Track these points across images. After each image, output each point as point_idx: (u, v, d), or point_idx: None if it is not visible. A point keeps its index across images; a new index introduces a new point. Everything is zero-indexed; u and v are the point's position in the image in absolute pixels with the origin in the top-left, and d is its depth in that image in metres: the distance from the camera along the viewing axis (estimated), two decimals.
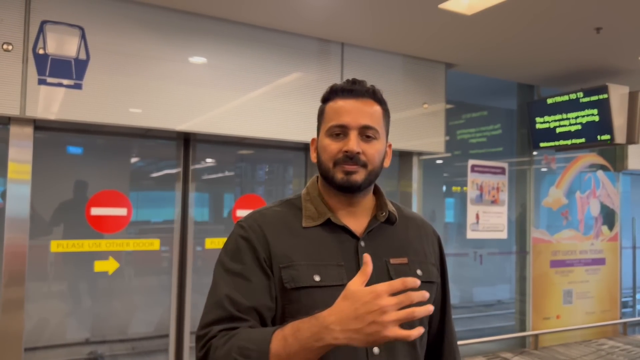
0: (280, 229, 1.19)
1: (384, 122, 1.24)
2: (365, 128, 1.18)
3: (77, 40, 3.09)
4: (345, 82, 1.23)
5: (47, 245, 3.34)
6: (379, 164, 1.22)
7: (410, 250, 1.25)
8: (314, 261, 1.15)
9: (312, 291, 1.12)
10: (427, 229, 1.35)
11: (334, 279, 1.13)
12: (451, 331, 1.35)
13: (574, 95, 4.74)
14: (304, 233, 1.19)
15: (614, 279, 5.93)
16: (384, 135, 1.24)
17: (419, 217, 1.37)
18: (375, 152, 1.19)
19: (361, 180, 1.18)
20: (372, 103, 1.21)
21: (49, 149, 3.45)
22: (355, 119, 1.17)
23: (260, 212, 1.23)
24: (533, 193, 5.46)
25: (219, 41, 3.54)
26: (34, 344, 3.41)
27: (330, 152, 1.18)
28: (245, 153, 4.29)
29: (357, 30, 3.77)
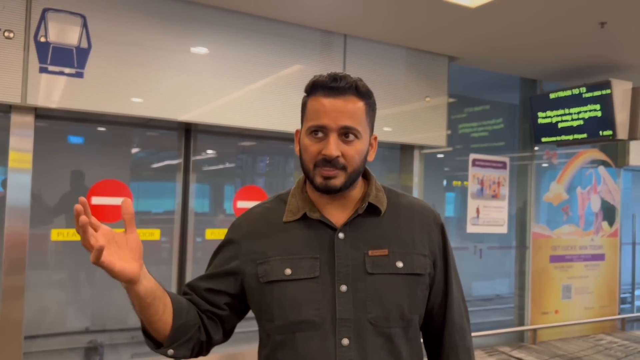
0: (262, 226, 1.25)
1: (367, 118, 1.20)
2: (345, 129, 1.15)
3: (79, 29, 3.08)
4: (326, 77, 1.18)
5: (48, 234, 3.34)
6: (360, 163, 1.19)
7: (394, 240, 1.21)
8: (290, 255, 1.19)
9: (283, 284, 1.17)
10: (426, 217, 1.28)
11: (306, 272, 1.17)
12: (454, 325, 1.28)
13: (576, 90, 4.72)
14: (284, 228, 1.23)
15: (613, 274, 5.94)
16: (366, 132, 1.20)
17: (418, 204, 1.30)
18: (355, 154, 1.16)
19: (340, 183, 1.16)
20: (354, 100, 1.17)
21: (50, 137, 3.44)
22: (335, 120, 1.14)
23: (250, 211, 1.31)
24: (534, 188, 5.46)
25: (221, 31, 3.53)
26: (34, 332, 3.42)
27: (310, 153, 1.17)
28: (246, 144, 4.29)
29: (360, 22, 3.75)
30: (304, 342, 1.15)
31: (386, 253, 1.19)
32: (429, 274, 1.23)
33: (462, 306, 1.32)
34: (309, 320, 1.15)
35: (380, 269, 1.17)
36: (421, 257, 1.22)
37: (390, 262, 1.18)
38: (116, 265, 1.03)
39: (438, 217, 1.30)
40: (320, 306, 1.15)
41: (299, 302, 1.15)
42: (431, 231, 1.27)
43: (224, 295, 1.25)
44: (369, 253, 1.18)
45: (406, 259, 1.20)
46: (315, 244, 1.19)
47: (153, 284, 1.10)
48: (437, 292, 1.27)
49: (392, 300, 1.16)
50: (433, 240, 1.26)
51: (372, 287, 1.16)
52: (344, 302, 1.15)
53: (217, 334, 1.26)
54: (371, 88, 1.23)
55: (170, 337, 1.14)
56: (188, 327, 1.16)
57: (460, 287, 1.33)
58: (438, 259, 1.26)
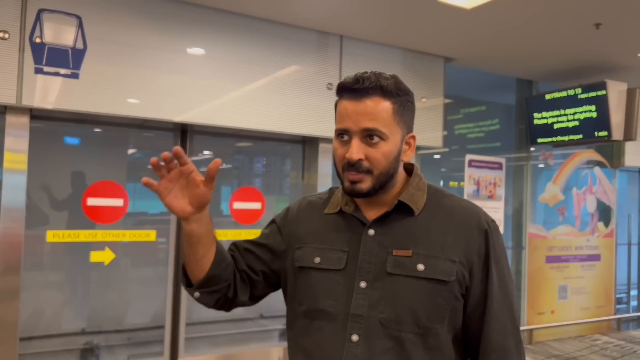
0: (307, 214, 1.31)
1: (395, 118, 1.15)
2: (368, 131, 1.13)
3: (74, 29, 3.07)
4: (350, 79, 1.16)
5: (43, 235, 3.33)
6: (389, 165, 1.16)
7: (421, 242, 1.16)
8: (322, 245, 1.23)
9: (311, 272, 1.21)
10: (467, 221, 1.19)
11: (332, 263, 1.20)
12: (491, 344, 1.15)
13: (572, 91, 4.73)
14: (324, 218, 1.27)
15: (609, 275, 5.96)
16: (395, 132, 1.16)
17: (461, 207, 1.22)
18: (380, 156, 1.14)
19: (367, 188, 1.15)
20: (379, 100, 1.14)
21: (46, 138, 3.43)
22: (356, 122, 1.13)
23: (304, 198, 1.37)
24: (530, 188, 5.47)
25: (217, 32, 3.53)
26: (29, 333, 3.41)
27: (337, 157, 1.18)
28: (242, 145, 4.28)
29: (356, 23, 3.76)
30: (319, 331, 1.18)
31: (410, 254, 1.15)
32: (457, 282, 1.14)
33: (508, 325, 1.17)
34: (326, 311, 1.17)
35: (399, 270, 1.14)
36: (448, 262, 1.14)
37: (412, 264, 1.14)
38: (165, 198, 1.14)
39: (483, 223, 1.19)
40: (338, 298, 1.16)
41: (320, 291, 1.19)
42: (470, 237, 1.17)
43: (261, 263, 1.30)
44: (394, 252, 1.16)
45: (429, 262, 1.14)
46: (347, 238, 1.21)
47: (204, 231, 1.18)
48: (475, 305, 1.17)
49: (406, 303, 1.12)
50: (471, 247, 1.16)
51: (389, 287, 1.14)
52: (360, 298, 1.14)
53: (244, 295, 1.29)
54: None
55: (201, 282, 1.21)
56: (219, 280, 1.22)
57: (508, 304, 1.18)
58: (476, 268, 1.16)
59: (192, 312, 3.87)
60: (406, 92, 1.19)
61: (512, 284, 1.21)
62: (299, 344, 1.22)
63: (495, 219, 1.13)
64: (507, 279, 1.19)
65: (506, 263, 1.21)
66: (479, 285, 1.16)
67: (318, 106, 3.87)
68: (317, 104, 3.87)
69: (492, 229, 1.20)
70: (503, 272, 1.19)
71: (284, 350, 4.12)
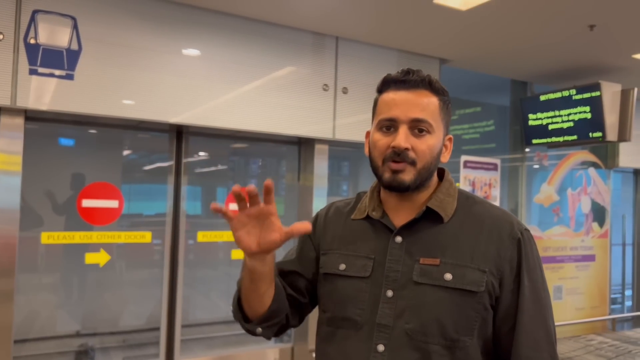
0: (335, 219, 1.28)
1: (441, 115, 1.15)
2: (416, 121, 1.11)
3: (69, 31, 3.06)
4: (398, 72, 1.17)
5: (38, 236, 3.31)
6: (432, 161, 1.13)
7: (450, 250, 1.11)
8: (347, 251, 1.21)
9: (336, 278, 1.20)
10: (499, 229, 1.13)
11: (357, 271, 1.17)
12: (521, 352, 1.09)
13: (566, 92, 4.75)
14: (350, 224, 1.25)
15: (604, 275, 5.98)
16: (440, 129, 1.15)
17: (493, 215, 1.16)
18: (426, 148, 1.12)
19: (409, 180, 1.11)
20: (427, 94, 1.14)
21: (41, 140, 3.42)
22: (405, 111, 1.11)
23: (332, 203, 1.35)
24: (525, 189, 5.49)
25: (213, 33, 3.52)
26: (23, 336, 3.39)
27: (379, 148, 1.14)
28: (238, 146, 4.28)
29: (351, 24, 3.76)
30: (344, 340, 1.16)
31: (437, 263, 1.10)
32: (487, 293, 1.09)
33: (541, 340, 1.10)
34: (351, 319, 1.15)
35: (426, 279, 1.10)
36: (477, 272, 1.09)
37: (439, 273, 1.09)
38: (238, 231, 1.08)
39: (516, 231, 1.13)
40: (365, 307, 1.14)
41: (345, 299, 1.17)
42: (502, 246, 1.12)
43: (303, 279, 1.28)
44: (421, 261, 1.11)
45: (457, 271, 1.09)
46: (373, 244, 1.18)
47: (267, 270, 1.13)
48: (505, 317, 1.11)
49: (432, 314, 1.08)
50: (502, 257, 1.11)
51: (416, 297, 1.10)
52: (387, 307, 1.11)
53: (295, 320, 1.29)
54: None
55: (264, 318, 1.18)
56: (280, 313, 1.21)
57: (542, 318, 1.11)
58: (507, 278, 1.11)
59: (187, 313, 3.86)
60: (448, 94, 1.19)
61: (547, 297, 1.14)
62: (324, 351, 1.20)
63: None
64: (541, 292, 1.13)
65: (541, 275, 1.14)
66: (509, 297, 1.10)
67: (314, 107, 3.87)
68: (312, 105, 3.87)
69: (526, 238, 1.14)
70: (537, 284, 1.12)
71: (280, 352, 4.11)
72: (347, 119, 4.01)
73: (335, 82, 3.97)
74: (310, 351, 3.95)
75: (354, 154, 4.84)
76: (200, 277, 3.96)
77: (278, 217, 1.07)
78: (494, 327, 1.12)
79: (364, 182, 4.95)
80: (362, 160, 4.93)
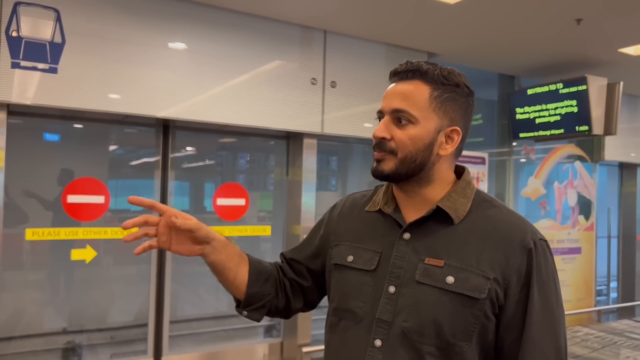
0: (350, 211, 1.29)
1: (432, 104, 1.11)
2: (396, 111, 1.12)
3: (52, 23, 3.01)
4: (399, 64, 1.17)
5: (22, 233, 3.27)
6: (416, 152, 1.11)
7: (456, 253, 1.09)
8: (357, 243, 1.21)
9: (344, 270, 1.21)
10: (510, 237, 1.09)
11: (363, 263, 1.18)
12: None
13: (553, 86, 4.78)
14: (363, 216, 1.25)
15: (590, 267, 6.05)
16: (430, 119, 1.11)
17: (506, 220, 1.12)
18: (406, 138, 1.10)
19: (388, 169, 1.11)
20: (418, 83, 1.12)
21: (25, 134, 3.36)
22: (389, 102, 1.14)
23: (350, 194, 1.36)
24: (512, 183, 5.52)
25: (200, 27, 3.48)
26: (9, 333, 3.35)
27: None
28: (226, 141, 4.25)
29: (340, 17, 3.74)
30: (345, 331, 1.17)
31: (441, 264, 1.08)
32: (489, 301, 1.06)
33: (550, 356, 1.06)
34: (353, 311, 1.16)
35: (428, 280, 1.09)
36: (481, 278, 1.06)
37: (442, 275, 1.07)
38: (170, 249, 1.19)
39: (528, 241, 1.08)
40: (367, 300, 1.14)
41: (350, 291, 1.18)
42: (510, 254, 1.07)
43: (302, 265, 1.33)
44: (425, 260, 1.10)
45: (460, 275, 1.06)
46: (382, 239, 1.18)
47: (223, 257, 1.21)
48: (508, 327, 1.08)
49: (430, 315, 1.06)
50: (510, 265, 1.07)
51: (416, 296, 1.09)
52: (387, 303, 1.11)
53: (298, 303, 1.33)
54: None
55: (244, 302, 1.26)
56: (261, 296, 1.26)
57: (552, 333, 1.07)
58: (513, 288, 1.07)
59: (175, 309, 3.84)
60: (457, 84, 1.15)
61: (560, 312, 1.10)
62: (328, 340, 1.23)
63: None
64: (553, 306, 1.08)
65: (555, 288, 1.09)
66: (515, 307, 1.07)
67: (302, 101, 3.85)
68: (301, 99, 3.85)
69: (540, 249, 1.09)
70: (549, 298, 1.08)
71: (269, 347, 4.11)
72: (336, 113, 4.00)
73: (324, 76, 3.95)
74: (299, 346, 3.95)
75: (343, 149, 4.82)
76: (188, 272, 3.93)
77: (175, 211, 1.18)
78: (497, 336, 1.09)
79: (353, 177, 4.94)
80: (351, 155, 4.92)
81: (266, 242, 4.29)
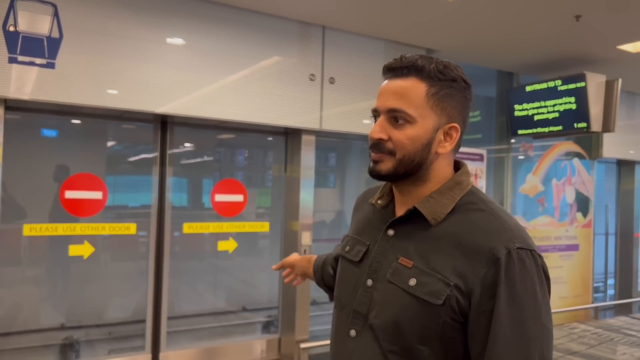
0: (362, 202, 1.34)
1: (429, 102, 1.07)
2: (392, 111, 1.07)
3: (50, 18, 2.99)
4: (392, 59, 1.11)
5: (20, 228, 3.26)
6: (414, 151, 1.07)
7: (426, 256, 1.06)
8: (355, 235, 1.25)
9: (342, 259, 1.26)
10: (482, 245, 1.01)
11: (353, 255, 1.21)
12: None
13: (552, 83, 4.78)
14: (367, 209, 1.28)
15: (587, 264, 6.06)
16: (426, 118, 1.07)
17: (485, 226, 1.05)
18: (404, 138, 1.06)
19: (385, 170, 1.09)
20: (414, 81, 1.07)
21: (22, 130, 3.35)
22: (384, 101, 1.09)
23: (368, 187, 1.37)
24: (510, 180, 5.52)
25: (198, 22, 3.47)
26: (7, 329, 3.35)
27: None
28: (224, 137, 4.24)
29: (338, 13, 3.73)
30: (334, 318, 1.23)
31: (410, 265, 1.07)
32: (450, 308, 1.00)
33: None
34: (340, 299, 1.21)
35: (396, 280, 1.08)
36: (441, 283, 1.01)
37: (407, 276, 1.06)
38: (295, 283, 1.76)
39: (498, 250, 1.00)
40: (351, 290, 1.17)
41: (340, 279, 1.24)
42: (477, 262, 1.00)
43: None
44: (399, 259, 1.09)
45: (422, 279, 1.04)
46: (372, 232, 1.19)
47: (319, 277, 1.61)
48: (473, 339, 1.01)
49: (393, 316, 1.06)
50: (476, 274, 1.00)
51: (385, 294, 1.09)
52: (364, 296, 1.13)
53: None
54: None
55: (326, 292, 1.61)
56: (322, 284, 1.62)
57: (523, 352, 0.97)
58: (477, 298, 0.99)
59: (173, 305, 3.84)
60: (453, 79, 1.09)
61: (538, 329, 0.98)
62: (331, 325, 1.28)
63: None
64: (529, 321, 0.97)
65: (534, 304, 0.98)
66: (479, 319, 1.00)
67: (300, 97, 3.85)
68: (299, 95, 3.84)
69: (514, 259, 0.99)
70: (524, 313, 0.97)
71: (267, 343, 4.11)
72: (334, 109, 3.99)
73: (322, 72, 3.94)
74: (297, 342, 3.96)
75: (342, 145, 4.82)
76: (186, 268, 3.93)
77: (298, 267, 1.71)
78: (471, 348, 1.02)
79: (351, 173, 4.94)
80: (350, 151, 4.92)
81: (264, 238, 4.29)
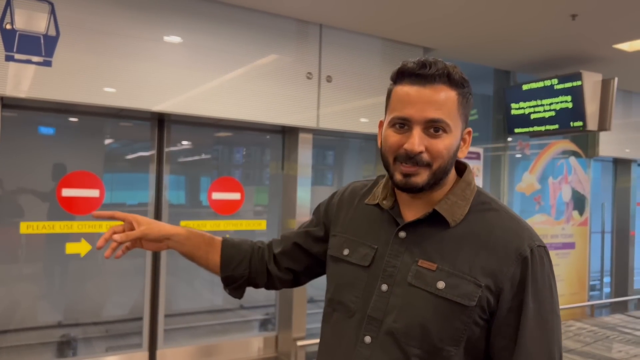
0: (350, 200, 1.28)
1: (459, 110, 1.08)
2: (432, 122, 1.04)
3: (47, 16, 2.99)
4: (414, 64, 1.07)
5: (17, 226, 3.26)
6: (448, 160, 1.07)
7: (450, 258, 1.06)
8: (353, 236, 1.20)
9: (339, 262, 1.21)
10: (505, 244, 1.06)
11: (359, 258, 1.17)
12: None
13: (548, 81, 4.79)
14: (362, 208, 1.23)
15: (583, 262, 6.09)
16: (457, 126, 1.08)
17: (504, 226, 1.08)
18: (443, 149, 1.05)
19: (422, 182, 1.06)
20: (445, 89, 1.05)
21: (19, 128, 3.35)
22: (421, 111, 1.03)
23: (352, 183, 1.34)
24: (507, 178, 5.54)
25: (195, 20, 3.47)
26: (4, 327, 3.35)
27: (391, 145, 1.07)
28: (221, 135, 4.24)
29: (335, 11, 3.73)
30: (337, 323, 1.17)
31: (434, 268, 1.06)
32: (480, 308, 1.04)
33: None
34: (346, 305, 1.16)
35: (419, 283, 1.07)
36: (472, 285, 1.03)
37: (433, 279, 1.05)
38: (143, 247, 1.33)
39: (525, 248, 1.05)
40: (360, 296, 1.13)
41: (344, 284, 1.18)
42: (504, 261, 1.04)
43: (304, 253, 1.35)
44: (419, 262, 1.08)
45: (451, 281, 1.04)
46: (379, 234, 1.16)
47: (188, 249, 1.33)
48: (499, 334, 1.05)
49: (418, 319, 1.05)
50: (503, 273, 1.04)
51: (407, 297, 1.07)
52: (379, 301, 1.10)
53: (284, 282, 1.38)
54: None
55: (223, 282, 1.37)
56: (234, 279, 1.35)
57: (546, 343, 1.05)
58: (506, 296, 1.04)
59: (170, 303, 3.84)
60: (469, 83, 1.11)
61: (555, 321, 1.07)
62: (322, 329, 1.24)
63: None
64: (548, 315, 1.06)
65: (551, 298, 1.07)
66: (507, 314, 1.04)
67: (297, 96, 3.85)
68: (296, 94, 3.85)
69: (537, 257, 1.06)
70: (544, 307, 1.05)
71: (264, 341, 4.12)
72: (331, 108, 4.00)
73: (319, 70, 3.94)
74: (294, 339, 3.97)
75: (339, 143, 4.83)
76: (183, 266, 3.93)
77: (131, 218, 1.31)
78: (488, 342, 1.07)
79: (349, 172, 4.95)
80: (347, 150, 4.92)
81: (262, 236, 4.29)
